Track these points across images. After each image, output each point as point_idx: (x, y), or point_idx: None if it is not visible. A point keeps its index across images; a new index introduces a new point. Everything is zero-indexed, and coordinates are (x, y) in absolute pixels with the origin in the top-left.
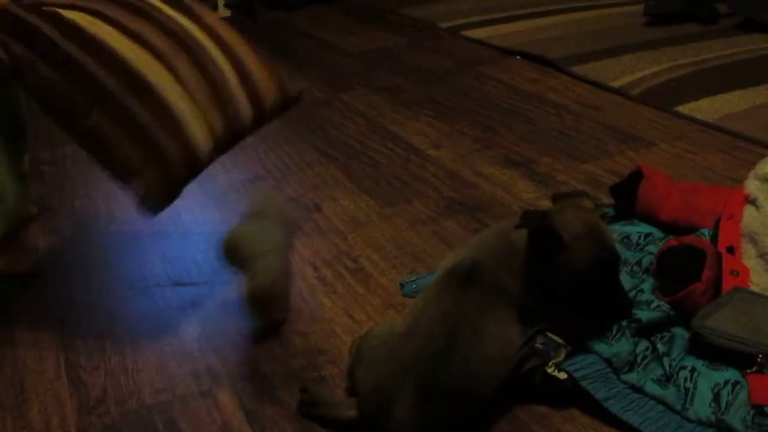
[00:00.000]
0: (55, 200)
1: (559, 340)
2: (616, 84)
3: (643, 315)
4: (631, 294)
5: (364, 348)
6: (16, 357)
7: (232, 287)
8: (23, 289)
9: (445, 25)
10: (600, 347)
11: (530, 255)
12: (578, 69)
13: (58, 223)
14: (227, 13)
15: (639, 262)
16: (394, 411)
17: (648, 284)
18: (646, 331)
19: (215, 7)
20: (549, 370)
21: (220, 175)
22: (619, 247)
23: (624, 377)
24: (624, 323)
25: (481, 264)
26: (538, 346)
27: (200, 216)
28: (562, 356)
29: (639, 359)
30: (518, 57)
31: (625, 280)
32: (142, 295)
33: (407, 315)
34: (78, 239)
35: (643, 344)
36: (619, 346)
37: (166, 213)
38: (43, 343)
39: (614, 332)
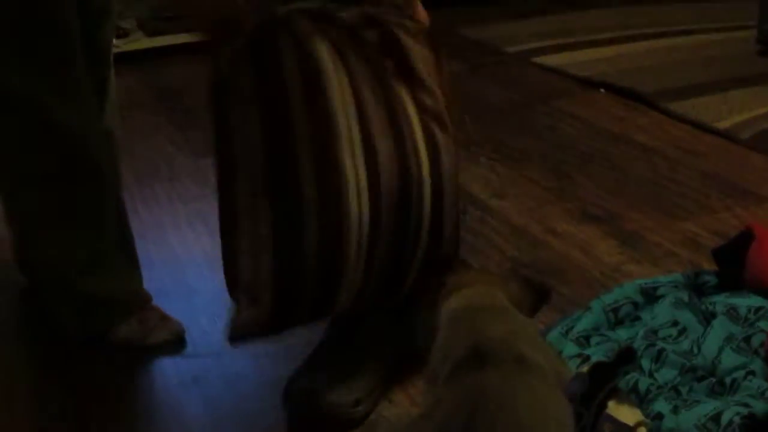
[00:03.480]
0: None
1: (629, 420)
2: (721, 125)
3: (758, 408)
4: (738, 374)
5: None
6: None
7: (241, 361)
8: None
9: (512, 49)
10: None
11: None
12: (675, 106)
13: None
14: None
15: (748, 339)
16: None
17: (758, 365)
18: (760, 428)
19: None
20: None
21: None
22: (723, 319)
23: None
24: (735, 417)
25: (487, 342)
26: None
27: (207, 273)
28: None
29: None
30: (601, 90)
31: (731, 357)
32: (136, 367)
33: (425, 405)
34: None
35: None
36: None
37: (167, 268)
38: (16, 422)
39: (721, 427)
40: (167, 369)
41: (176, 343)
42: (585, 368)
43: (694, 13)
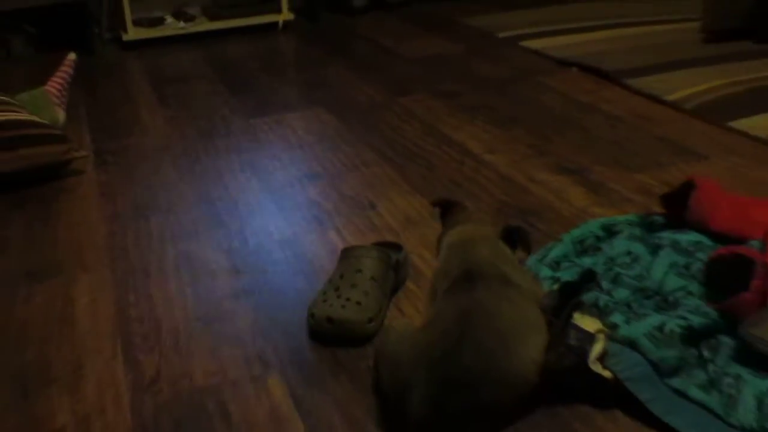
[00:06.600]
0: (117, 188)
1: (591, 328)
2: (670, 98)
3: (694, 320)
4: (679, 294)
5: (384, 344)
6: (75, 337)
7: (285, 277)
8: (84, 272)
9: (503, 35)
10: (647, 347)
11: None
12: (633, 82)
13: (119, 211)
14: (291, 16)
15: (687, 266)
16: (411, 407)
17: (695, 287)
18: (695, 337)
19: (279, 10)
20: (593, 367)
21: (277, 171)
22: (668, 251)
23: (667, 381)
24: (676, 327)
25: (477, 265)
26: (572, 342)
27: (257, 207)
28: (600, 348)
29: (683, 364)
30: (574, 68)
31: (674, 280)
32: (198, 281)
33: (428, 314)
34: (137, 226)
35: (690, 351)
36: (667, 350)
37: (224, 204)
38: (101, 325)
39: (663, 334)
40: (224, 284)
41: None
42: (556, 287)
43: (650, 7)
